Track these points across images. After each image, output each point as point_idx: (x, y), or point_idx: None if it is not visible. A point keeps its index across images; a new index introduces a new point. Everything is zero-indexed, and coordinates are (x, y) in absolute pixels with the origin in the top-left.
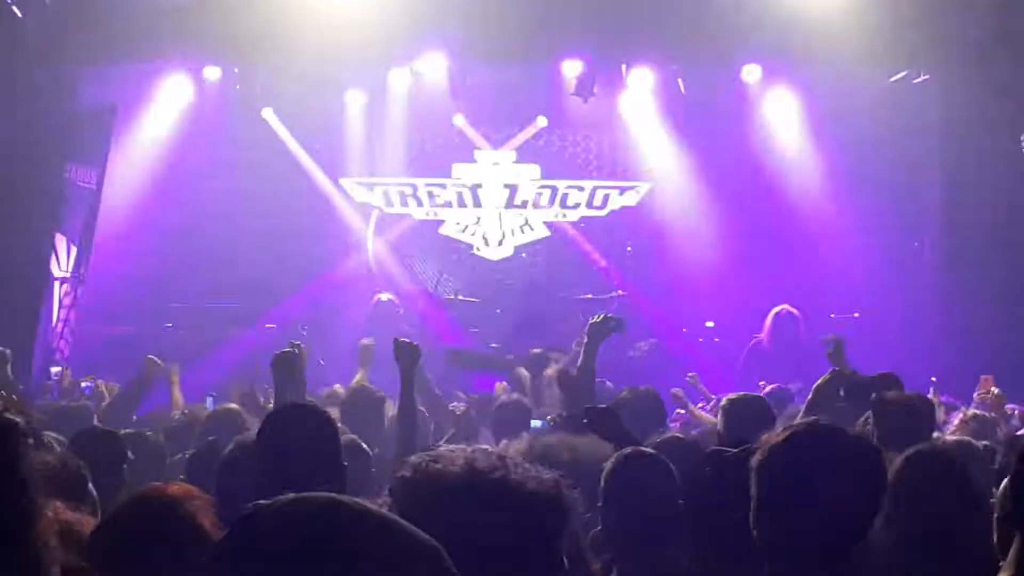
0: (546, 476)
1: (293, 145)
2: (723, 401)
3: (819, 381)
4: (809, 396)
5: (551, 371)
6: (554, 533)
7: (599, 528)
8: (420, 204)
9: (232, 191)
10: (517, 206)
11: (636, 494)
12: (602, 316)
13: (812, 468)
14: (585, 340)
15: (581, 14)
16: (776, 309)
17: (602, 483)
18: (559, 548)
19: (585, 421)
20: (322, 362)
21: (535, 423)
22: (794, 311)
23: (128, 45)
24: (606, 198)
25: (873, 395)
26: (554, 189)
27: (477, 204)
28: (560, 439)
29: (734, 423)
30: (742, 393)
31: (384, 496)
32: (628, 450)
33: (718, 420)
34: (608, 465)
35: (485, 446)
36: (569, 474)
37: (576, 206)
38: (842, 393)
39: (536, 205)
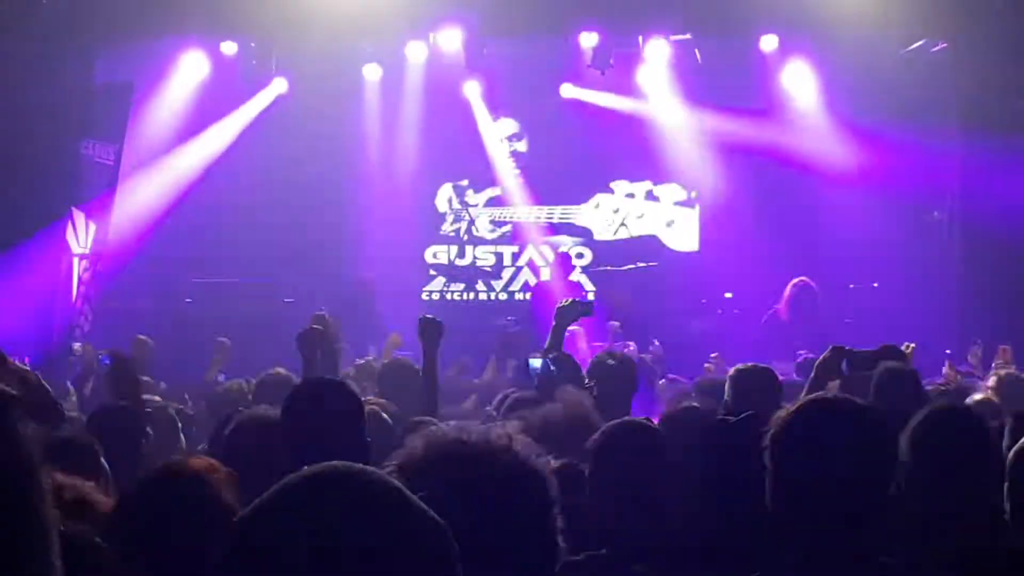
0: (540, 454)
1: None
2: (731, 371)
3: (821, 357)
4: (812, 373)
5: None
6: (549, 509)
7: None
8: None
9: (249, 166)
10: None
11: (626, 466)
12: (570, 300)
13: (825, 439)
14: (553, 323)
15: None
16: (794, 281)
17: (592, 458)
18: (555, 524)
19: None
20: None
21: (534, 362)
22: (811, 283)
23: (145, 21)
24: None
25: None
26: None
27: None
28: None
29: (741, 393)
30: (749, 364)
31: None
32: (617, 422)
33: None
34: (596, 438)
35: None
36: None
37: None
38: (844, 367)
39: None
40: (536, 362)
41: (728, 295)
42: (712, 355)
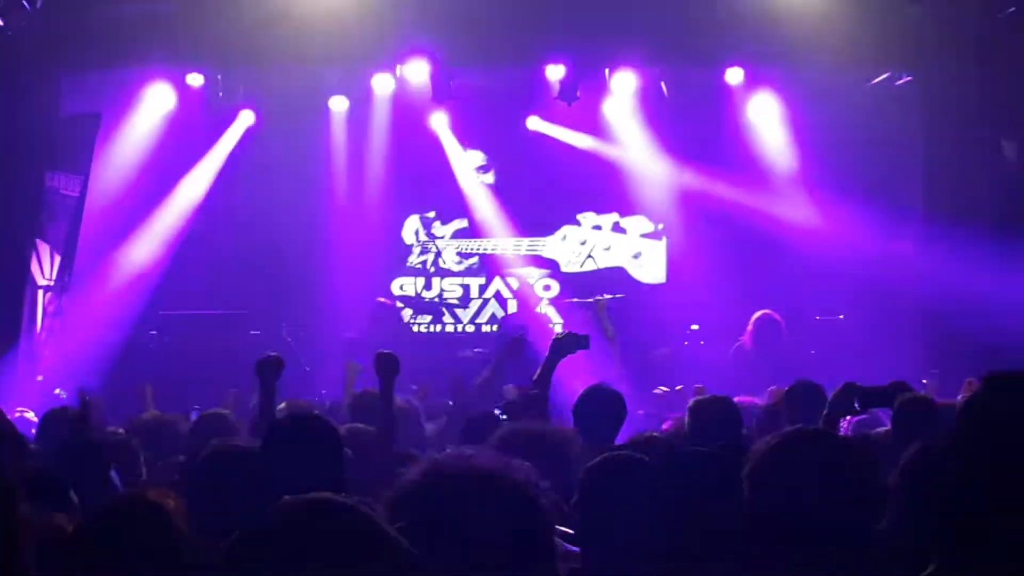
0: (527, 469)
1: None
2: (690, 402)
3: (834, 393)
4: (825, 411)
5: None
6: (546, 531)
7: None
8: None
9: (214, 198)
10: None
11: (611, 498)
12: (566, 333)
13: (803, 472)
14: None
15: (563, 18)
16: (757, 314)
17: (579, 487)
18: (552, 546)
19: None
20: (307, 368)
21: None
22: (775, 315)
23: (111, 52)
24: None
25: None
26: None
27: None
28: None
29: (702, 424)
30: (710, 395)
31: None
32: (606, 454)
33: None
34: (585, 468)
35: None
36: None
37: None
38: (857, 405)
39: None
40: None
41: (694, 327)
42: (697, 386)
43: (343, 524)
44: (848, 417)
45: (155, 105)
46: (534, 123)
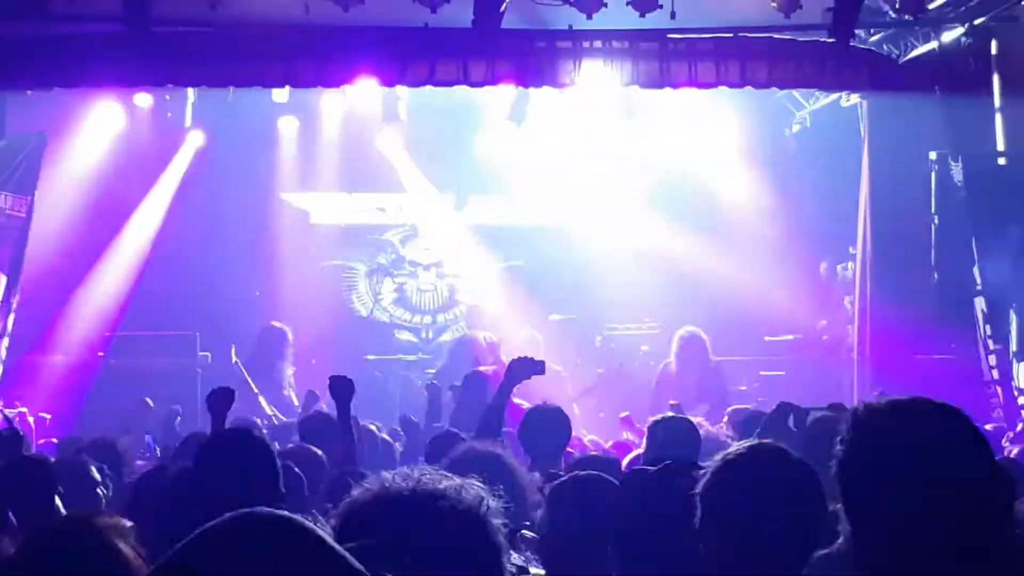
0: (480, 489)
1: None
2: (648, 422)
3: (770, 413)
4: (758, 429)
5: None
6: (498, 554)
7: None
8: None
9: (165, 219)
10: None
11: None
12: (521, 358)
13: (753, 488)
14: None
15: (511, 42)
16: (680, 332)
17: (546, 505)
18: (502, 570)
19: None
20: (255, 391)
21: None
22: (699, 332)
23: (56, 72)
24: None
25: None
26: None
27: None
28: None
29: (658, 444)
30: (667, 414)
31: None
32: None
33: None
34: (552, 486)
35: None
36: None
37: None
38: (792, 424)
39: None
40: None
41: (644, 348)
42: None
43: (277, 537)
44: None
45: (103, 125)
46: (482, 145)
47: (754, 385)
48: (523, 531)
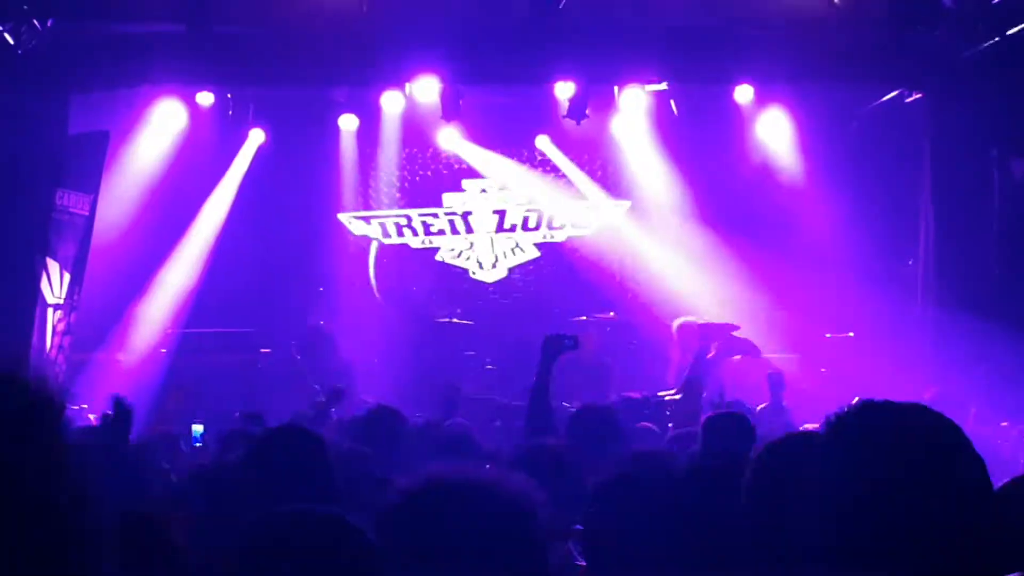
0: (524, 482)
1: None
2: (705, 420)
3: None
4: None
5: None
6: (541, 543)
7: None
8: (416, 234)
9: (227, 217)
10: (507, 229)
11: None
12: (555, 334)
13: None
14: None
15: (572, 36)
16: (679, 321)
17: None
18: (545, 558)
19: None
20: (317, 387)
21: None
22: (695, 320)
23: (120, 72)
24: (593, 216)
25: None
26: (540, 210)
27: (469, 230)
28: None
29: (715, 438)
30: (723, 410)
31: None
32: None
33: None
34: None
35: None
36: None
37: (562, 226)
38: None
39: (524, 227)
40: None
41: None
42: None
43: (323, 535)
44: None
45: (164, 124)
46: (542, 143)
47: (810, 383)
48: (575, 527)
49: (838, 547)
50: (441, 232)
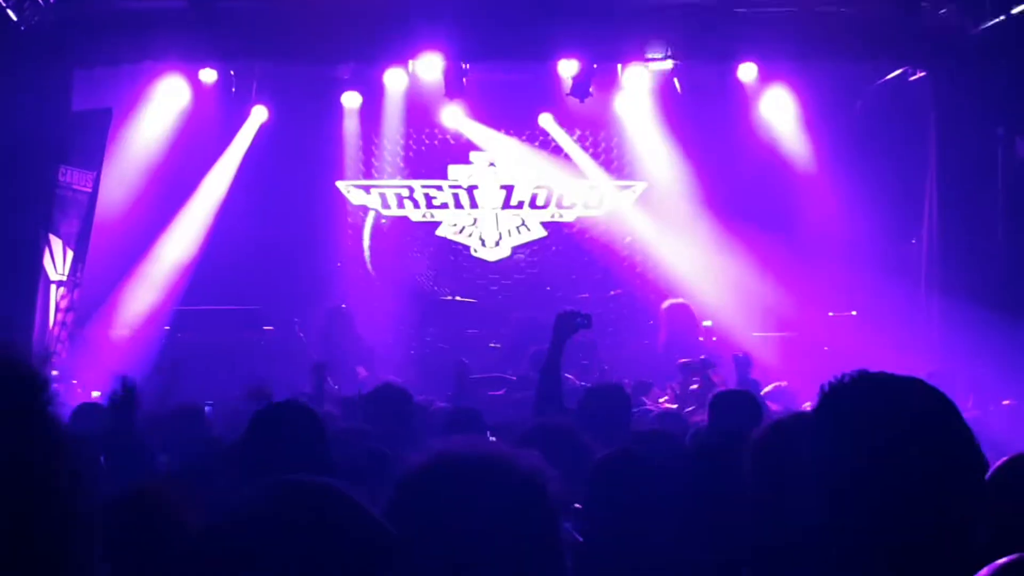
0: (536, 458)
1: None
2: (712, 397)
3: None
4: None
5: None
6: (553, 521)
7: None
8: (417, 206)
9: (229, 195)
10: (513, 206)
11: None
12: (568, 311)
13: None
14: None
15: (575, 13)
16: (666, 303)
17: (589, 480)
18: (557, 535)
19: None
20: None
21: None
22: (685, 302)
23: (123, 48)
24: (602, 197)
25: None
26: (550, 189)
27: (474, 205)
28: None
29: (722, 418)
30: (731, 389)
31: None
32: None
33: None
34: (596, 461)
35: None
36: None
37: (572, 206)
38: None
39: (532, 205)
40: None
41: (707, 323)
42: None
43: (317, 506)
44: None
45: (167, 100)
46: (545, 120)
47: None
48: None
49: (830, 522)
50: (444, 205)
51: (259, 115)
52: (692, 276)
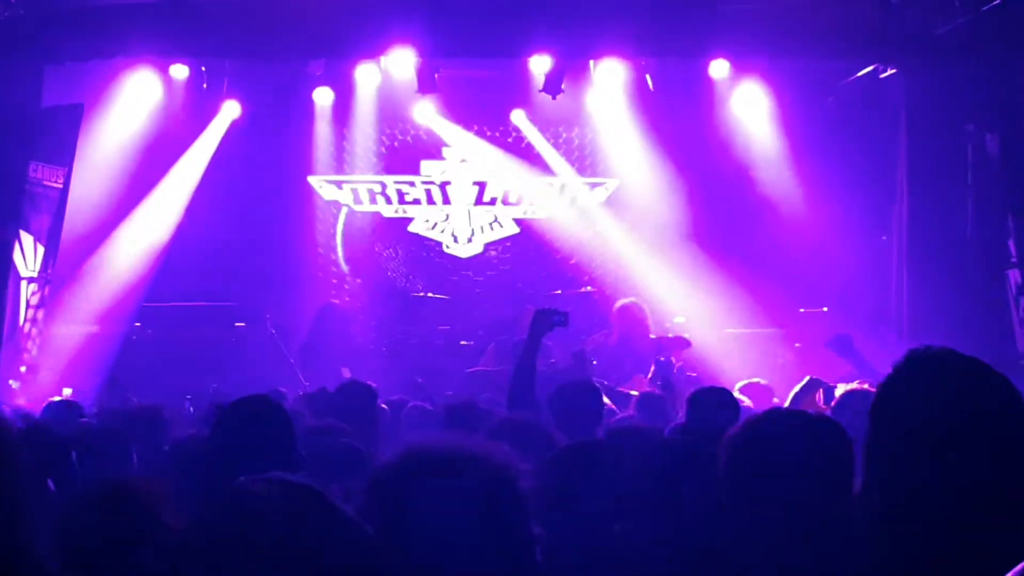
0: (507, 453)
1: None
2: (690, 393)
3: (796, 388)
4: (787, 403)
5: None
6: (523, 513)
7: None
8: (389, 202)
9: (199, 190)
10: (486, 203)
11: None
12: (546, 308)
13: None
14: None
15: (548, 9)
16: (619, 303)
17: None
18: (528, 527)
19: None
20: (292, 360)
21: None
22: (638, 303)
23: (94, 43)
24: (574, 195)
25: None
26: (522, 185)
27: (446, 201)
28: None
29: (700, 413)
30: (710, 385)
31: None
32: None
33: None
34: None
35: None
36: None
37: (544, 203)
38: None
39: (505, 201)
40: None
41: (679, 319)
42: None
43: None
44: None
45: (139, 96)
46: (517, 117)
47: (787, 357)
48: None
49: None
50: (416, 201)
51: (230, 110)
52: (663, 273)
